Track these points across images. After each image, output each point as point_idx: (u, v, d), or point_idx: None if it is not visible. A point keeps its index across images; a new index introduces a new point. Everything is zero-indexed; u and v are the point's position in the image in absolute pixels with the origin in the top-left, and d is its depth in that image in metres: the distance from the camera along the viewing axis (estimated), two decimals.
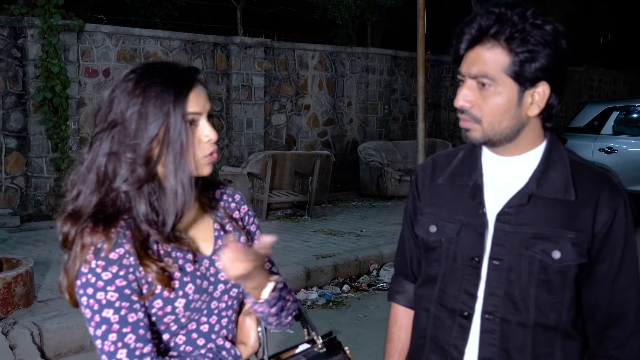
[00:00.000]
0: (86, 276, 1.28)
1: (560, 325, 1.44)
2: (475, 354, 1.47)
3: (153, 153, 1.31)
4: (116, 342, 1.26)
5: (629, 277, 1.45)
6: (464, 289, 1.48)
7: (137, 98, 1.30)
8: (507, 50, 1.37)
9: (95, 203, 1.32)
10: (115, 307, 1.27)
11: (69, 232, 1.31)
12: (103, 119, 1.33)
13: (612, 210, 1.42)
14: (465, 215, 1.51)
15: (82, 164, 1.35)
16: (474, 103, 1.42)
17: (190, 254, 1.39)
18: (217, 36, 10.33)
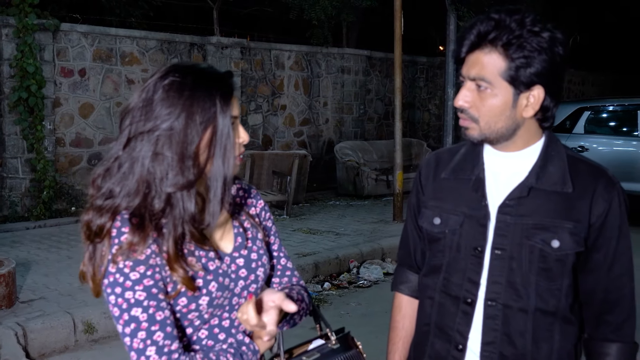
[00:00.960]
0: (114, 276, 1.31)
1: (559, 310, 1.52)
2: (478, 339, 1.55)
3: (201, 155, 1.33)
4: (145, 339, 1.29)
5: (623, 265, 1.53)
6: (467, 277, 1.56)
7: (186, 101, 1.31)
8: (503, 56, 1.44)
9: (137, 204, 1.32)
10: (144, 306, 1.30)
11: (103, 224, 1.32)
12: (142, 120, 1.32)
13: (608, 201, 1.50)
14: (468, 207, 1.58)
15: (114, 162, 1.35)
16: (472, 103, 1.50)
17: (212, 252, 1.41)
18: (193, 36, 10.32)
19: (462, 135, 1.57)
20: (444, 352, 1.60)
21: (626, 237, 1.54)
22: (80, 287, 5.27)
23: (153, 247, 1.33)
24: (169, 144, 1.31)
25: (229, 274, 1.43)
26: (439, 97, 14.44)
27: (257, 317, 1.34)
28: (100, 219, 1.32)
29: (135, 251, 1.30)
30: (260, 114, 11.25)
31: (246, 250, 1.49)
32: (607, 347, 1.55)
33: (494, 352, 1.52)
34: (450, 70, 12.33)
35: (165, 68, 1.37)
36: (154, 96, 1.33)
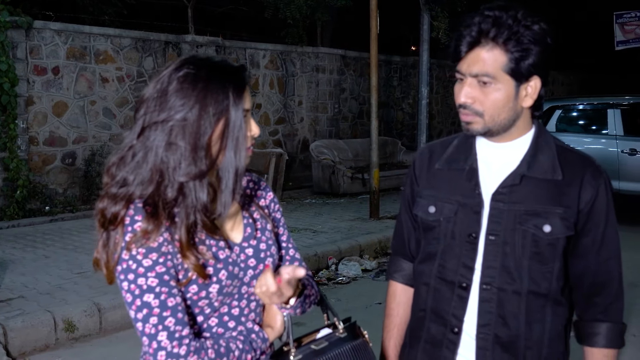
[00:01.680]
0: (127, 262, 1.33)
1: (551, 292, 1.58)
2: (473, 322, 1.60)
3: (213, 146, 1.36)
4: (157, 325, 1.31)
5: (611, 250, 1.61)
6: (462, 262, 1.61)
7: (200, 92, 1.34)
8: (504, 51, 1.51)
9: (151, 192, 1.35)
10: (156, 292, 1.32)
11: (118, 212, 1.34)
12: (156, 110, 1.35)
13: (595, 188, 1.57)
14: (462, 196, 1.64)
15: (128, 150, 1.37)
16: (476, 99, 1.55)
17: (222, 241, 1.44)
18: (168, 34, 10.27)
19: (464, 130, 1.61)
20: (439, 336, 1.65)
21: (613, 223, 1.61)
22: (59, 285, 5.24)
23: (165, 235, 1.35)
24: (182, 134, 1.34)
25: (239, 263, 1.46)
26: (413, 96, 14.57)
27: (275, 284, 1.37)
28: (114, 206, 1.34)
29: (148, 239, 1.32)
30: None
31: (255, 241, 1.52)
32: (596, 327, 1.62)
33: (488, 334, 1.58)
34: (424, 69, 12.45)
35: (180, 60, 1.39)
36: (169, 87, 1.35)
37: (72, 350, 4.45)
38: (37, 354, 4.36)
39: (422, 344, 1.69)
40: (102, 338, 4.68)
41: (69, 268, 5.77)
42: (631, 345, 4.57)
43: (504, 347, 1.58)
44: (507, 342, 1.58)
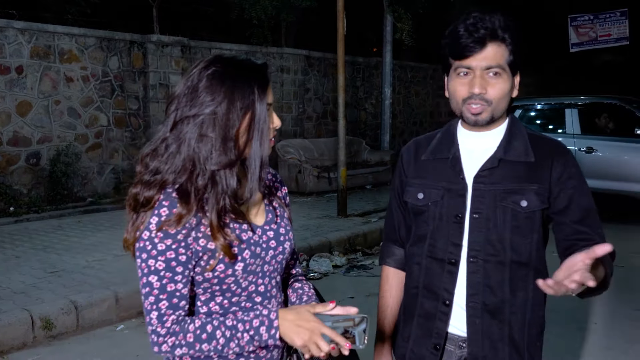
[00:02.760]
0: (145, 242, 1.47)
1: (531, 262, 1.75)
2: (463, 293, 1.76)
3: (240, 138, 1.49)
4: (152, 304, 1.48)
5: (587, 197, 1.76)
6: (450, 241, 1.77)
7: (228, 89, 1.46)
8: (505, 46, 1.71)
9: (184, 180, 1.48)
10: (160, 276, 1.47)
11: (152, 196, 1.47)
12: (188, 105, 1.47)
13: (563, 165, 1.76)
14: (447, 182, 1.80)
15: (161, 143, 1.51)
16: (487, 89, 1.72)
17: (246, 224, 1.57)
18: (133, 34, 10.23)
19: (471, 121, 1.75)
20: (432, 310, 1.80)
21: (587, 194, 1.76)
22: (33, 284, 5.23)
23: (191, 221, 1.47)
24: (212, 127, 1.46)
25: (261, 244, 1.60)
26: (375, 96, 14.79)
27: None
28: (148, 191, 1.48)
29: (179, 222, 1.45)
30: None
31: (275, 225, 1.66)
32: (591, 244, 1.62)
33: (477, 302, 1.74)
34: (387, 70, 12.70)
35: (208, 59, 1.52)
36: (199, 84, 1.48)
37: (50, 348, 4.47)
38: (15, 352, 4.37)
39: (416, 318, 1.84)
40: (79, 335, 4.70)
41: (42, 267, 5.76)
42: (592, 333, 4.82)
43: (491, 314, 1.74)
44: (494, 309, 1.74)
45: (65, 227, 7.73)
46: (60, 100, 9.29)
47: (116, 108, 10.02)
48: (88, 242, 6.82)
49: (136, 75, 10.23)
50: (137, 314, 5.11)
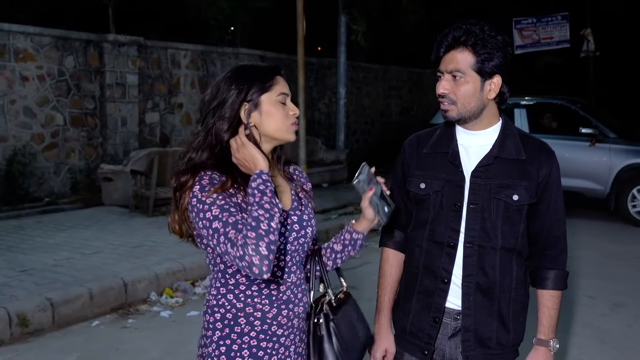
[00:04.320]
0: (195, 205, 1.71)
1: (517, 248, 2.01)
2: (459, 274, 2.00)
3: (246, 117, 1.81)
4: (224, 242, 1.63)
5: (559, 212, 2.05)
6: (449, 227, 2.00)
7: (238, 83, 1.80)
8: (472, 53, 1.93)
9: (207, 156, 1.79)
10: (219, 217, 1.66)
11: (186, 180, 1.75)
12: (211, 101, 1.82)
13: (549, 167, 2.01)
14: (447, 174, 2.02)
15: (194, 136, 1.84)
16: (450, 90, 1.96)
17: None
18: (89, 33, 10.18)
19: (443, 117, 2.00)
20: (432, 287, 2.03)
21: (561, 193, 2.06)
22: (4, 283, 5.25)
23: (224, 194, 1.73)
24: (225, 110, 1.80)
25: (285, 225, 1.84)
26: (328, 96, 15.03)
27: None
28: (183, 176, 1.76)
29: (223, 187, 1.73)
30: (157, 113, 11.27)
31: (299, 212, 1.91)
32: (547, 273, 2.06)
33: (472, 282, 1.99)
34: (341, 70, 12.96)
35: (231, 69, 1.87)
36: (220, 84, 1.82)
37: (28, 345, 4.52)
38: None
39: (416, 295, 2.07)
40: (55, 332, 4.76)
41: (11, 267, 5.76)
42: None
43: (483, 292, 1.99)
44: (486, 288, 1.99)
45: (26, 227, 7.68)
46: (15, 99, 9.18)
47: (72, 108, 9.95)
48: (53, 242, 6.82)
49: (92, 75, 10.18)
50: (111, 309, 5.20)
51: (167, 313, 5.19)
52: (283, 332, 1.83)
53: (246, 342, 1.79)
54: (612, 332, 4.93)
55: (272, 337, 1.81)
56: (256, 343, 1.79)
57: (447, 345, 2.05)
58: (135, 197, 8.69)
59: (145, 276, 5.59)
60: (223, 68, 12.44)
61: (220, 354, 1.79)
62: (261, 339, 1.80)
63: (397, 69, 17.69)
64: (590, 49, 18.12)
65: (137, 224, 7.84)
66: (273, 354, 1.81)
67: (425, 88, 18.94)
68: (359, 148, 16.01)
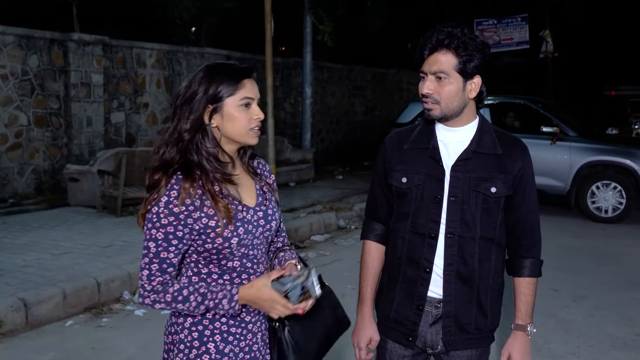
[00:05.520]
0: (152, 215, 1.83)
1: (495, 238, 2.13)
2: (440, 263, 2.11)
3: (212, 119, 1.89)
4: (146, 264, 1.83)
5: (533, 204, 2.18)
6: (430, 218, 2.11)
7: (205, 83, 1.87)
8: (454, 55, 2.04)
9: (177, 155, 1.85)
10: (157, 243, 1.83)
11: (158, 179, 1.83)
12: (182, 97, 1.88)
13: (523, 160, 2.14)
14: (427, 169, 2.13)
15: (165, 132, 1.89)
16: (434, 91, 2.07)
17: (241, 205, 1.92)
18: (53, 32, 10.05)
19: (426, 115, 2.11)
20: (414, 276, 2.13)
21: (534, 186, 2.19)
22: None
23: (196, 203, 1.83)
24: (192, 108, 1.86)
25: (252, 222, 1.94)
26: (294, 96, 15.10)
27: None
28: (156, 174, 1.85)
29: (189, 195, 1.80)
30: (123, 112, 11.19)
31: (264, 207, 2.00)
32: (523, 262, 2.19)
33: (452, 271, 2.10)
34: (307, 70, 13.05)
35: (205, 65, 1.92)
36: (192, 81, 1.88)
37: (2, 345, 4.49)
38: None
39: (400, 284, 2.17)
40: (29, 332, 4.74)
41: None
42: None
43: (463, 280, 2.10)
44: (466, 277, 2.10)
45: None
46: None
47: (36, 107, 9.82)
48: (20, 243, 6.75)
49: (57, 74, 10.07)
50: (85, 309, 5.19)
51: (141, 312, 5.21)
52: (251, 319, 1.96)
53: (217, 328, 1.91)
54: (576, 322, 5.13)
55: (241, 323, 1.94)
56: (227, 328, 1.92)
57: (428, 332, 2.16)
58: (103, 197, 8.63)
59: (118, 275, 5.59)
60: (189, 68, 12.42)
61: (192, 339, 1.90)
62: (231, 325, 1.92)
63: (361, 69, 17.86)
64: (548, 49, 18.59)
65: (105, 224, 7.80)
66: (241, 339, 1.94)
67: (388, 88, 19.17)
68: (324, 147, 16.13)
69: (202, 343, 1.90)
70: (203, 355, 1.90)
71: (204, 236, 1.84)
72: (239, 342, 1.93)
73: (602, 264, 7.00)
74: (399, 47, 18.94)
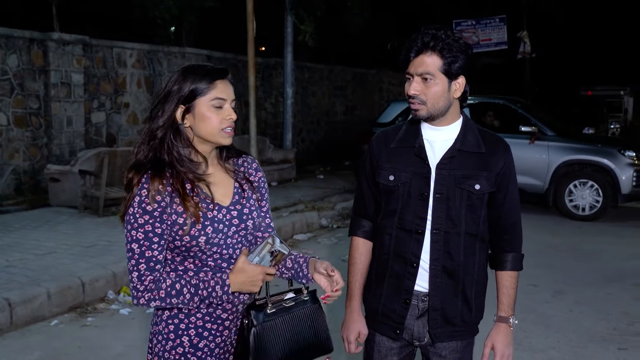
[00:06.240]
0: (129, 217, 1.88)
1: (479, 233, 2.21)
2: (427, 258, 2.18)
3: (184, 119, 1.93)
4: (133, 265, 1.87)
5: (514, 200, 2.26)
6: (417, 215, 2.17)
7: (178, 84, 1.92)
8: (439, 57, 2.11)
9: (150, 154, 1.90)
10: (140, 244, 1.86)
11: (132, 178, 1.88)
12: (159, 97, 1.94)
13: (505, 158, 2.22)
14: (414, 167, 2.20)
15: (143, 132, 1.95)
16: (421, 91, 2.13)
17: (212, 204, 1.94)
18: (33, 32, 9.99)
19: (413, 115, 2.18)
20: (402, 271, 2.20)
21: (515, 183, 2.27)
22: None
23: (166, 199, 1.87)
24: (164, 109, 1.91)
25: (224, 221, 1.95)
26: (275, 96, 15.13)
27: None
28: (130, 174, 1.89)
29: (159, 193, 1.85)
30: (104, 112, 11.15)
31: (240, 206, 2.00)
32: (505, 256, 2.27)
33: (438, 265, 2.17)
34: (288, 70, 13.09)
35: (181, 67, 1.98)
36: (169, 81, 1.94)
37: None
38: None
39: (387, 279, 2.23)
40: (14, 331, 4.74)
41: None
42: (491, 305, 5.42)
43: (449, 274, 2.18)
44: (451, 271, 2.18)
45: None
46: None
47: (16, 107, 9.75)
48: (2, 243, 6.72)
49: (36, 74, 10.00)
50: (69, 309, 5.20)
51: (127, 310, 5.23)
52: (227, 316, 1.99)
53: (192, 322, 1.95)
54: (555, 317, 5.25)
55: (216, 319, 1.97)
56: (202, 324, 1.96)
57: (415, 324, 2.23)
58: (85, 198, 8.60)
59: (103, 275, 5.60)
60: (169, 67, 12.40)
61: (169, 332, 1.96)
62: (206, 321, 1.96)
63: (342, 69, 17.94)
64: (526, 50, 18.83)
65: (88, 224, 7.78)
66: (217, 335, 1.98)
67: (368, 88, 19.28)
68: (305, 147, 16.18)
69: (177, 336, 1.95)
70: (177, 347, 1.95)
71: (173, 233, 1.88)
72: (214, 338, 1.97)
73: (579, 261, 7.15)
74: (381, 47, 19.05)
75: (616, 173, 9.30)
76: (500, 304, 2.28)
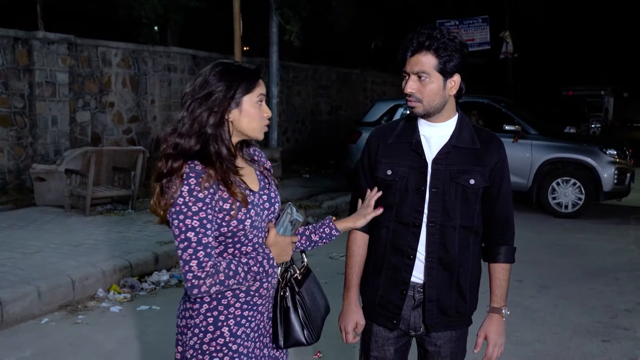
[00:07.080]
0: (180, 206, 1.90)
1: (473, 226, 2.28)
2: (422, 250, 2.25)
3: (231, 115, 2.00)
4: (191, 255, 1.89)
5: (507, 195, 2.34)
6: (414, 208, 2.24)
7: (227, 80, 1.98)
8: (435, 56, 2.17)
9: (197, 146, 1.95)
10: (196, 232, 1.89)
11: (177, 166, 1.91)
12: (199, 91, 1.97)
13: (498, 154, 2.29)
14: (411, 162, 2.26)
15: (179, 122, 1.98)
16: (417, 90, 2.20)
17: (249, 190, 2.03)
18: (17, 30, 9.94)
19: (410, 112, 2.25)
20: (399, 264, 2.26)
21: (508, 178, 2.34)
22: None
23: (214, 187, 1.92)
24: (214, 103, 1.96)
25: (260, 205, 2.06)
26: None
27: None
28: (174, 162, 1.92)
29: (208, 183, 1.89)
30: (89, 111, 11.11)
31: (267, 190, 2.12)
32: (499, 249, 2.34)
33: (434, 258, 2.24)
34: (274, 70, 13.11)
35: (215, 62, 2.03)
36: (209, 76, 1.98)
37: None
38: None
39: (384, 270, 2.30)
40: (4, 330, 4.74)
41: None
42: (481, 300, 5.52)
43: (444, 267, 2.24)
44: (446, 263, 2.24)
45: None
46: None
47: (0, 106, 9.70)
48: None
49: (21, 73, 9.95)
50: (60, 307, 5.20)
51: (117, 308, 5.25)
52: (262, 302, 2.08)
53: (232, 313, 2.02)
54: (541, 311, 5.35)
55: (253, 306, 2.05)
56: (240, 312, 2.03)
57: (411, 315, 2.30)
58: (71, 197, 8.58)
59: (92, 273, 5.61)
60: (154, 67, 12.40)
61: (207, 324, 2.00)
62: (245, 309, 2.03)
63: (327, 69, 18.01)
64: (508, 50, 19.03)
65: (74, 224, 7.77)
66: (252, 320, 2.06)
67: (353, 87, 19.36)
68: (290, 147, 16.23)
69: (216, 327, 2.00)
70: (218, 338, 2.00)
71: (219, 220, 1.94)
72: (250, 324, 2.05)
73: (563, 257, 7.28)
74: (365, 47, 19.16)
75: (598, 171, 9.46)
76: (493, 295, 2.36)
